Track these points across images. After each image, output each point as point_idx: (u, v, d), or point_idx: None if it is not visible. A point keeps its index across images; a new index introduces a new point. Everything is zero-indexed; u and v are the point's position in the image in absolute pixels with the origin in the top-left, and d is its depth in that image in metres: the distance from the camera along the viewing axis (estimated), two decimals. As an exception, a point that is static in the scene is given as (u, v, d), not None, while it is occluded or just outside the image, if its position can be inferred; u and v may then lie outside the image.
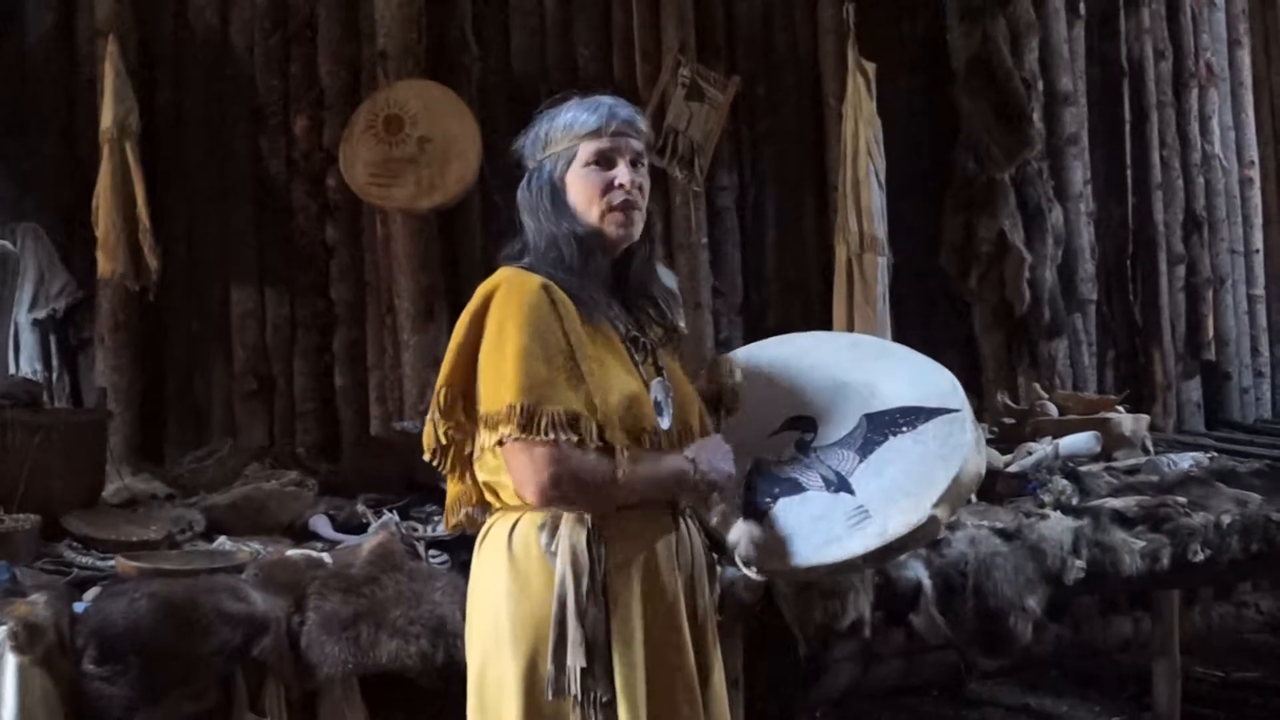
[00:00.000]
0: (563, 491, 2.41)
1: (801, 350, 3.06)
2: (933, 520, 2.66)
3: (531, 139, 2.67)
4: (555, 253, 2.56)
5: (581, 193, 2.59)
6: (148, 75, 5.04)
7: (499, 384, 2.40)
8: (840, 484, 2.75)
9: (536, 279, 2.49)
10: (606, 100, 2.66)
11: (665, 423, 2.57)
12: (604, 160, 2.60)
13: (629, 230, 2.62)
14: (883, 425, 2.82)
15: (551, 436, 2.36)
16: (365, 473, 4.53)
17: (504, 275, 2.53)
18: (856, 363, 2.97)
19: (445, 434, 2.53)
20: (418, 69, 5.17)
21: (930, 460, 2.72)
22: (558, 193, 2.60)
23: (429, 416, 2.55)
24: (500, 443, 2.40)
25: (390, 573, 3.24)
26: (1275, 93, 7.02)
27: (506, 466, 2.44)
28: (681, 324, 2.85)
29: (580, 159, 2.60)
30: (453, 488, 2.67)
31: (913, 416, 2.81)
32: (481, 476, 2.57)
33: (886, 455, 2.77)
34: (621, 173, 2.59)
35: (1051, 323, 6.08)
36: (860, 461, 2.77)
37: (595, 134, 2.61)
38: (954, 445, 2.73)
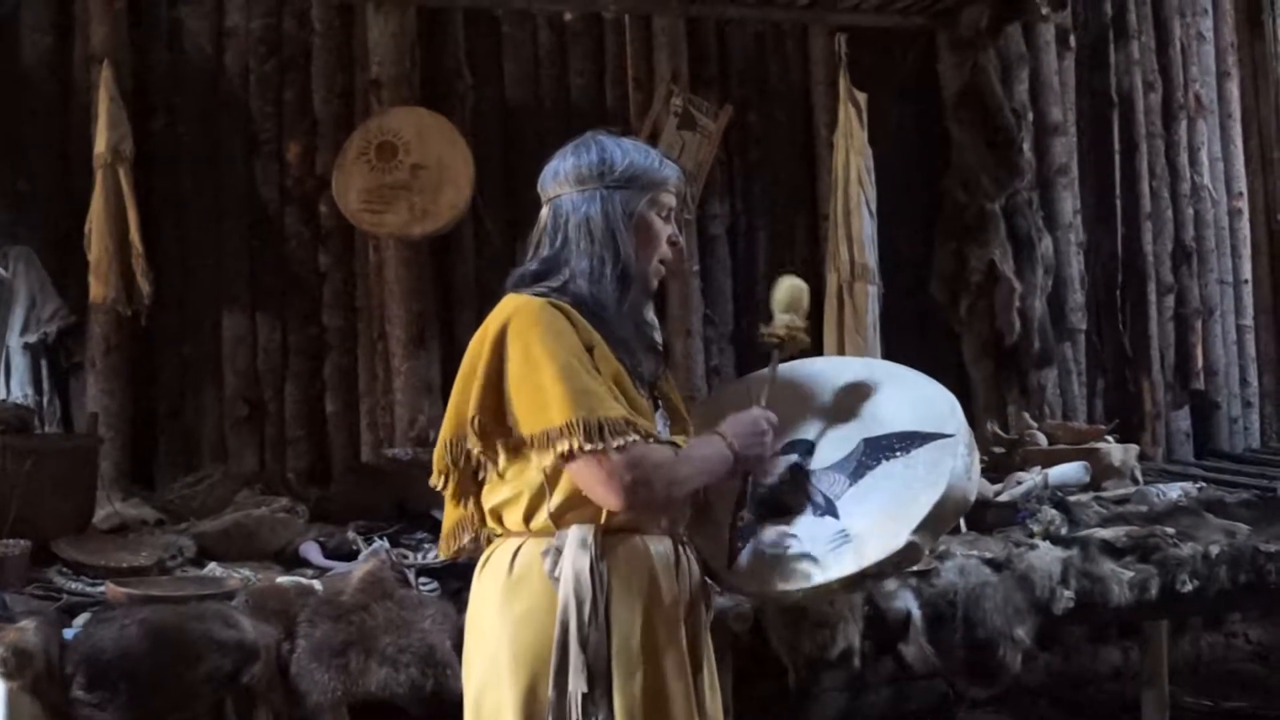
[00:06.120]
0: (649, 490, 2.45)
1: (812, 373, 3.08)
2: (911, 547, 2.65)
3: (598, 162, 2.66)
4: (603, 277, 2.58)
5: (651, 236, 2.67)
6: (142, 101, 5.05)
7: (544, 404, 2.41)
8: (827, 508, 2.75)
9: (539, 300, 2.52)
10: (665, 157, 2.77)
11: None
12: (668, 215, 2.70)
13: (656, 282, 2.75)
14: (878, 450, 2.81)
15: (620, 442, 2.39)
16: (356, 500, 4.53)
17: (514, 302, 2.56)
18: (863, 387, 2.97)
19: (470, 458, 2.54)
20: (411, 96, 5.20)
21: (916, 486, 2.71)
22: (633, 225, 2.64)
23: (442, 441, 2.57)
24: (564, 457, 2.41)
25: (380, 600, 3.25)
26: (1264, 124, 7.04)
27: (579, 480, 2.45)
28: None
29: (657, 205, 2.67)
30: (453, 514, 2.69)
31: (908, 441, 2.80)
32: (489, 502, 2.59)
33: (875, 480, 2.76)
34: (676, 231, 2.72)
35: (1041, 352, 6.10)
36: (850, 486, 2.77)
37: (672, 189, 2.71)
38: (941, 471, 2.71)
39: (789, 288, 3.00)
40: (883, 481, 2.76)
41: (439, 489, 2.64)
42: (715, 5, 5.76)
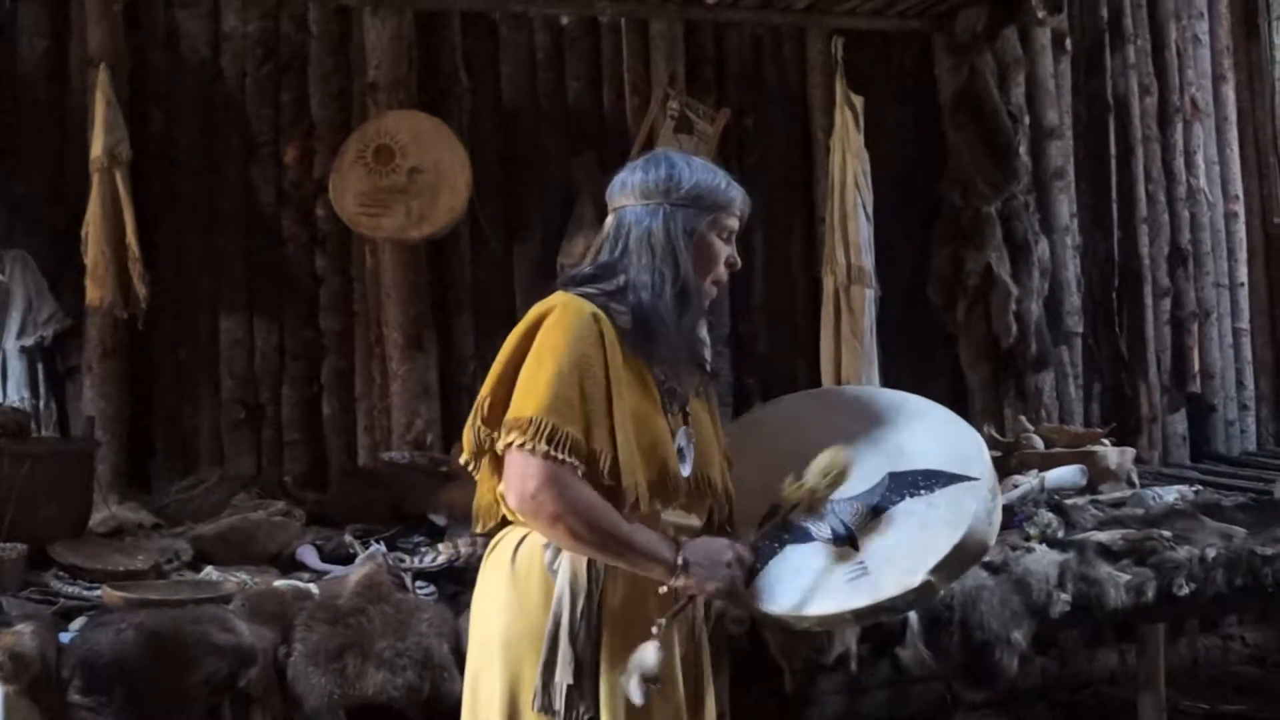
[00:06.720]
0: (541, 507, 2.46)
1: (843, 402, 3.13)
2: (927, 586, 2.66)
3: (665, 178, 2.69)
4: (664, 292, 2.62)
5: (709, 257, 2.71)
6: (139, 104, 5.05)
7: (527, 397, 2.47)
8: (848, 538, 2.76)
9: (589, 307, 2.56)
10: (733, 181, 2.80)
11: (685, 470, 2.64)
12: (729, 237, 2.74)
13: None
14: (903, 485, 2.83)
15: (554, 454, 2.42)
16: (353, 503, 4.53)
17: (560, 299, 2.60)
18: (893, 420, 2.99)
19: (485, 440, 2.58)
20: (408, 100, 5.21)
21: (936, 526, 2.73)
22: (692, 243, 2.68)
23: (469, 422, 2.61)
24: (509, 445, 2.47)
25: (377, 604, 3.26)
26: (1259, 127, 7.04)
27: (505, 467, 2.51)
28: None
29: (719, 227, 2.72)
30: (482, 494, 2.73)
31: (932, 480, 2.83)
32: (501, 486, 2.62)
33: (897, 515, 2.78)
34: (734, 253, 2.75)
35: (1038, 355, 6.10)
36: (872, 519, 2.79)
37: (736, 211, 2.75)
38: (963, 513, 2.73)
39: (831, 460, 2.83)
40: (904, 518, 2.78)
41: (469, 468, 2.69)
42: (712, 8, 5.76)
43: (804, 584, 2.70)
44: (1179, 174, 6.67)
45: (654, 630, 2.49)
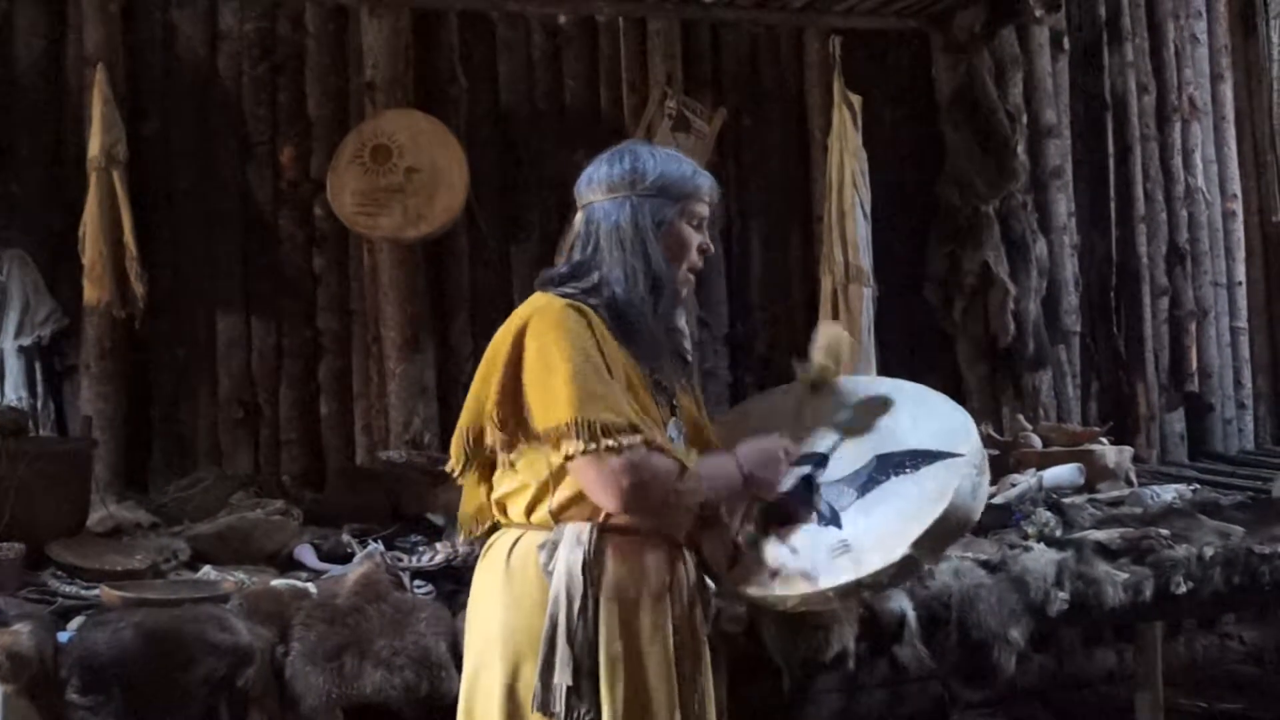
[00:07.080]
0: (645, 496, 2.50)
1: (837, 388, 3.11)
2: (909, 560, 2.68)
3: (630, 171, 2.71)
4: (637, 284, 2.64)
5: (680, 245, 2.72)
6: (136, 104, 5.05)
7: (554, 402, 2.47)
8: (832, 518, 2.77)
9: (561, 301, 2.58)
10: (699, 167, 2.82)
11: None
12: (700, 224, 2.76)
13: (688, 290, 2.82)
14: (889, 465, 2.86)
15: (619, 443, 2.44)
16: (350, 502, 4.52)
17: (538, 301, 2.63)
18: (884, 404, 3.01)
19: (489, 448, 2.60)
20: (405, 99, 5.21)
21: (920, 502, 2.74)
22: (662, 234, 2.69)
23: (458, 431, 2.65)
24: (569, 458, 2.47)
25: (375, 603, 3.25)
26: (1258, 126, 7.03)
27: (580, 480, 2.51)
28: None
29: (688, 214, 2.73)
30: (471, 499, 2.76)
31: (919, 459, 2.85)
32: (497, 491, 2.66)
33: (882, 494, 2.80)
34: (707, 239, 2.78)
35: (1035, 354, 6.10)
36: (857, 499, 2.80)
37: (705, 198, 2.77)
38: (946, 489, 2.74)
39: (828, 336, 3.09)
40: (889, 496, 2.80)
41: (456, 475, 2.71)
42: (709, 8, 5.76)
43: (787, 565, 2.71)
44: (1177, 173, 6.68)
45: (739, 540, 2.72)
